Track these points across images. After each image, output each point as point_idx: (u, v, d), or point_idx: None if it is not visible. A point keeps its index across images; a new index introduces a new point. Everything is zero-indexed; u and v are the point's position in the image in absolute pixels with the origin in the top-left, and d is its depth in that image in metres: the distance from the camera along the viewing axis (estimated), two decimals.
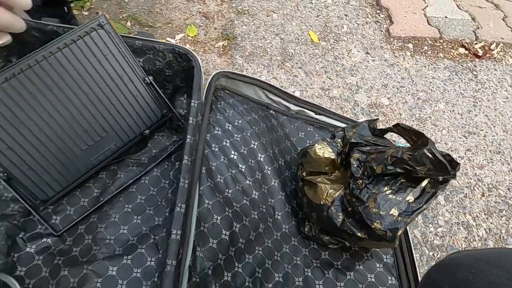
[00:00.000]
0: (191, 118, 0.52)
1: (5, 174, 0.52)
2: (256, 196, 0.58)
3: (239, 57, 0.94)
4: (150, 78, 0.61)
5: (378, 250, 0.60)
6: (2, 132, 0.50)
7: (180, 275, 0.37)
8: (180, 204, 0.42)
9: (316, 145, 0.57)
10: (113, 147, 0.60)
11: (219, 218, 0.50)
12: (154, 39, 0.62)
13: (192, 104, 0.53)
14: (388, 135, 0.56)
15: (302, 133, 0.73)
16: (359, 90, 0.91)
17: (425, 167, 0.44)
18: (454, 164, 0.43)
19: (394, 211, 0.47)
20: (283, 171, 0.65)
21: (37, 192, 0.55)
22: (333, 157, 0.56)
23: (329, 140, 0.57)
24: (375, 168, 0.48)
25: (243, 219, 0.54)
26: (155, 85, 0.62)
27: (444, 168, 0.43)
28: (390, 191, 0.47)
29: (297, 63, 0.95)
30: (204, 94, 0.59)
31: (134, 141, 0.63)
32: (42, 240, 0.54)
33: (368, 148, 0.52)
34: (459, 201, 0.71)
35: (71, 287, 0.50)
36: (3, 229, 0.52)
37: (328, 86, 0.90)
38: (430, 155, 0.43)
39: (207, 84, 0.61)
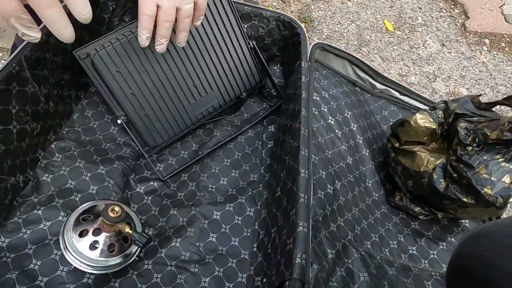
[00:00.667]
0: (303, 77, 0.54)
1: (126, 117, 0.57)
2: (350, 162, 0.60)
3: (316, 39, 0.96)
4: (253, 42, 0.65)
5: (468, 225, 0.60)
6: (129, 79, 0.55)
7: (309, 209, 0.40)
8: (303, 149, 0.45)
9: (417, 114, 0.58)
10: (215, 105, 0.64)
11: (324, 173, 0.52)
12: (261, 6, 0.65)
13: (303, 65, 0.56)
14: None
15: (386, 112, 0.74)
16: (437, 79, 0.91)
17: None
18: None
19: (507, 178, 0.47)
20: (372, 144, 0.66)
21: (149, 138, 0.59)
22: (434, 127, 0.57)
23: (429, 111, 0.58)
24: (489, 134, 0.48)
25: (342, 179, 0.56)
26: (258, 50, 0.65)
27: None
28: (502, 159, 0.48)
29: (373, 49, 0.96)
30: (308, 56, 0.61)
31: (232, 101, 0.66)
32: (150, 183, 0.58)
33: (475, 118, 0.53)
34: None
35: (180, 225, 0.54)
36: (119, 168, 0.57)
37: (406, 73, 0.91)
38: None
39: (308, 52, 0.63)
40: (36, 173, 0.52)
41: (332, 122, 0.61)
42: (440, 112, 0.58)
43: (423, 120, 0.57)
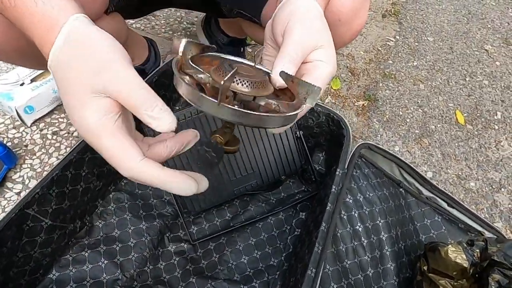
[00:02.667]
0: (334, 187, 0.56)
1: None
2: (370, 274, 0.59)
3: (376, 121, 0.96)
4: (301, 132, 0.69)
5: None
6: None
7: None
8: (311, 268, 0.47)
9: (449, 246, 0.55)
10: (253, 184, 0.69)
11: (335, 287, 0.53)
12: None
13: (337, 173, 0.58)
14: None
15: (428, 221, 0.70)
16: (501, 190, 0.83)
17: None
18: None
19: None
20: (401, 256, 0.64)
21: (188, 203, 0.66)
22: (465, 265, 0.53)
23: (465, 245, 0.55)
24: None
25: None
26: (303, 141, 0.69)
27: None
28: None
29: (435, 141, 0.92)
30: (347, 163, 0.63)
31: (271, 182, 0.71)
32: (181, 244, 0.65)
33: None
34: None
35: None
36: (158, 226, 0.65)
37: (466, 176, 0.85)
38: None
39: (349, 156, 0.65)
40: (92, 219, 0.62)
41: (360, 229, 0.61)
42: (477, 250, 0.54)
43: (455, 255, 0.54)
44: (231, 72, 0.27)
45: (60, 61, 0.27)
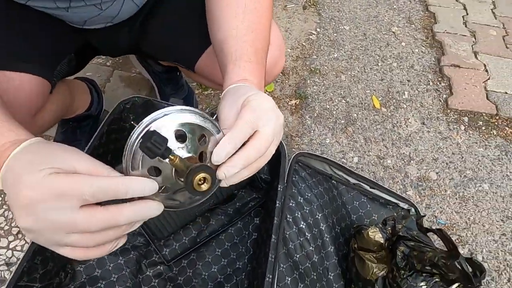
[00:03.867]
0: (278, 202, 0.69)
1: None
2: (316, 259, 0.75)
3: (308, 117, 1.10)
4: None
5: None
6: None
7: None
8: (268, 275, 0.60)
9: (369, 228, 0.72)
10: (210, 203, 0.80)
11: (289, 280, 0.68)
12: None
13: (279, 189, 0.71)
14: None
15: (357, 203, 0.87)
16: (411, 162, 1.03)
17: (455, 274, 0.58)
18: (480, 276, 0.57)
19: None
20: (338, 238, 0.80)
21: (156, 230, 0.76)
22: (382, 241, 0.71)
23: (381, 226, 0.72)
24: (415, 264, 0.62)
25: (305, 280, 0.71)
26: None
27: (469, 280, 0.57)
28: (425, 286, 0.62)
29: (358, 128, 1.08)
30: (286, 176, 0.76)
31: (225, 197, 0.82)
32: (157, 267, 0.75)
33: (412, 243, 0.67)
34: (486, 282, 0.83)
35: None
36: (134, 257, 0.74)
37: (384, 155, 1.03)
38: (459, 267, 0.57)
39: (288, 166, 0.77)
40: (73, 265, 0.69)
41: (304, 226, 0.76)
42: (389, 228, 0.71)
43: (374, 234, 0.71)
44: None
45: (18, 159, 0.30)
